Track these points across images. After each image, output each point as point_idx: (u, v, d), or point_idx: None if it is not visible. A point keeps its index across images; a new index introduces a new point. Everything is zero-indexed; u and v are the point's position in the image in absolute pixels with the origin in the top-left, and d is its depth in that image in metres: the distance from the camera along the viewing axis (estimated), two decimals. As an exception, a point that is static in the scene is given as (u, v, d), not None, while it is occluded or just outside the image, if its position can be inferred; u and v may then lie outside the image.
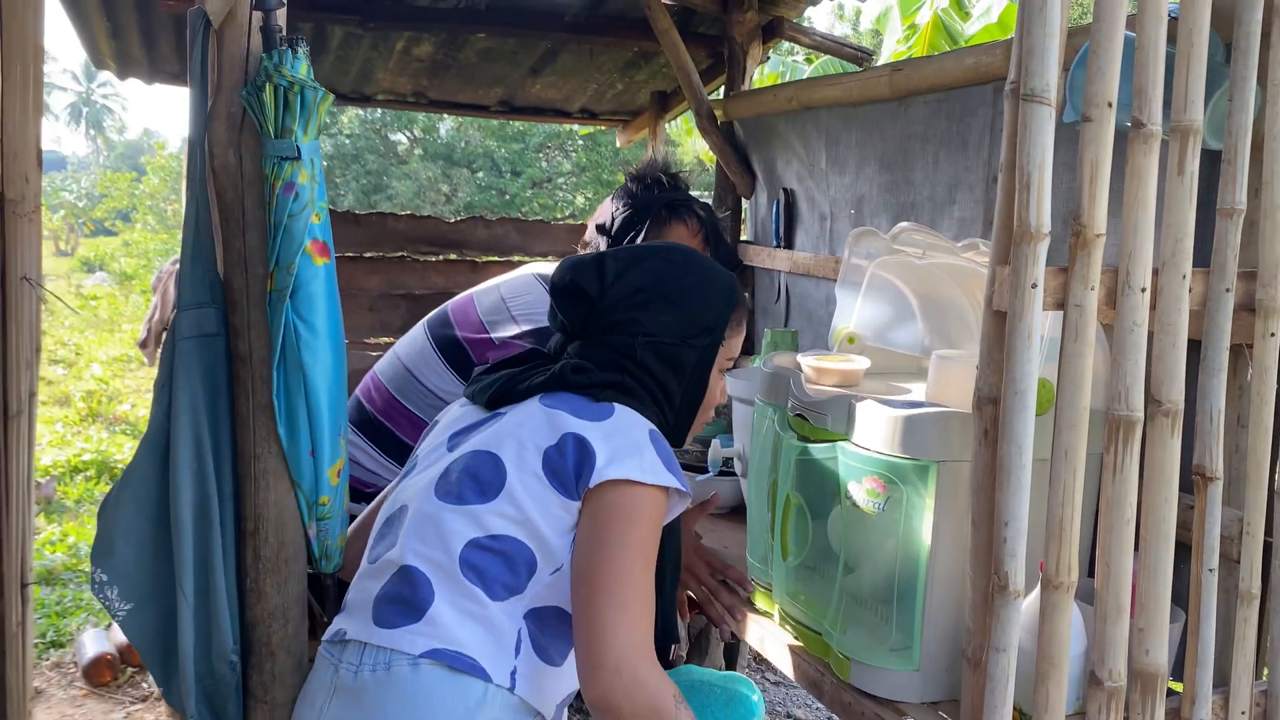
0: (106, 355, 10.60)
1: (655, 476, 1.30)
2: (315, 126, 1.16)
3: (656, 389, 1.45)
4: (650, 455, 1.31)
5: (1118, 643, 1.37)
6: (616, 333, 1.43)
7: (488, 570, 1.29)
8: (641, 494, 1.28)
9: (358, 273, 3.87)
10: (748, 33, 3.30)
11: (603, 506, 1.28)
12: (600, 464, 1.28)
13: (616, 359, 1.42)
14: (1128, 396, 1.34)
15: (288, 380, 1.22)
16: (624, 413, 1.36)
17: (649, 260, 1.48)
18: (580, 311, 1.45)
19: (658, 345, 1.43)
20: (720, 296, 1.51)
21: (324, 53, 3.67)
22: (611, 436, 1.32)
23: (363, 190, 18.35)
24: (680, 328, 1.45)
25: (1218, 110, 1.50)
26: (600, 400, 1.37)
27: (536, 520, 1.29)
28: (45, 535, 4.92)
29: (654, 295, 1.44)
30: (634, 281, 1.45)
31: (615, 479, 1.27)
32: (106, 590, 1.26)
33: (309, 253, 1.18)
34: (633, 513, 1.27)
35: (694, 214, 2.12)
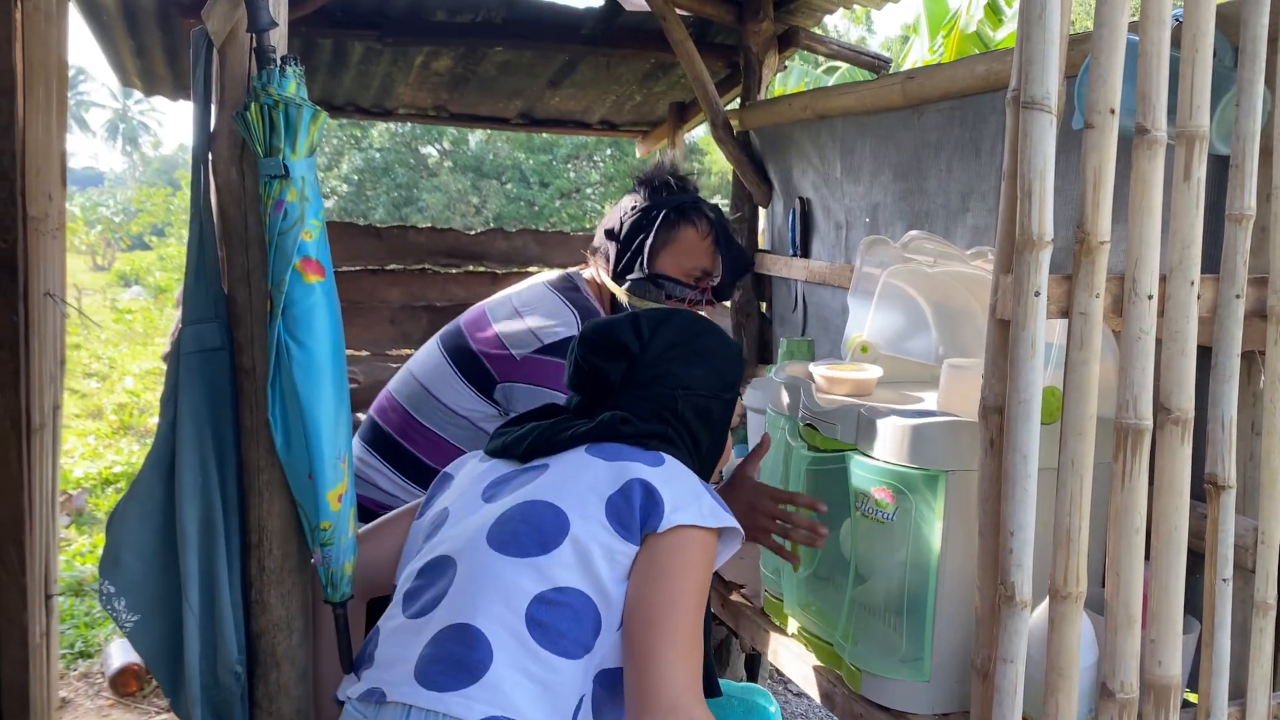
0: (139, 368, 10.74)
1: (716, 519, 1.32)
2: (307, 144, 1.17)
3: (689, 440, 1.48)
4: (708, 501, 1.34)
5: (1129, 654, 1.36)
6: (659, 385, 1.47)
7: (556, 626, 1.23)
8: (701, 538, 1.30)
9: (379, 285, 3.91)
10: (763, 43, 3.30)
11: (664, 549, 1.28)
12: (668, 510, 1.29)
13: (659, 411, 1.46)
14: (1136, 405, 1.33)
15: (283, 401, 1.22)
16: (674, 462, 1.39)
17: (672, 319, 1.53)
18: (620, 366, 1.48)
19: (695, 398, 1.48)
20: (736, 355, 1.58)
21: (345, 68, 3.71)
22: (671, 483, 1.33)
23: (393, 203, 18.51)
24: (711, 382, 1.51)
25: (1226, 115, 1.49)
26: (650, 449, 1.40)
27: (599, 568, 1.27)
28: (76, 547, 4.98)
29: (686, 350, 1.50)
30: (669, 337, 1.50)
31: (682, 524, 1.29)
32: (114, 601, 1.27)
33: (299, 270, 1.19)
34: (693, 555, 1.29)
35: (704, 216, 2.09)
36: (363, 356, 3.90)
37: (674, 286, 2.05)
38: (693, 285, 2.07)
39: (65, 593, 4.32)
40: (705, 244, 2.07)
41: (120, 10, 3.06)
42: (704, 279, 2.09)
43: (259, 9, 1.14)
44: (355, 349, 3.94)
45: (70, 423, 7.98)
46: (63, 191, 2.40)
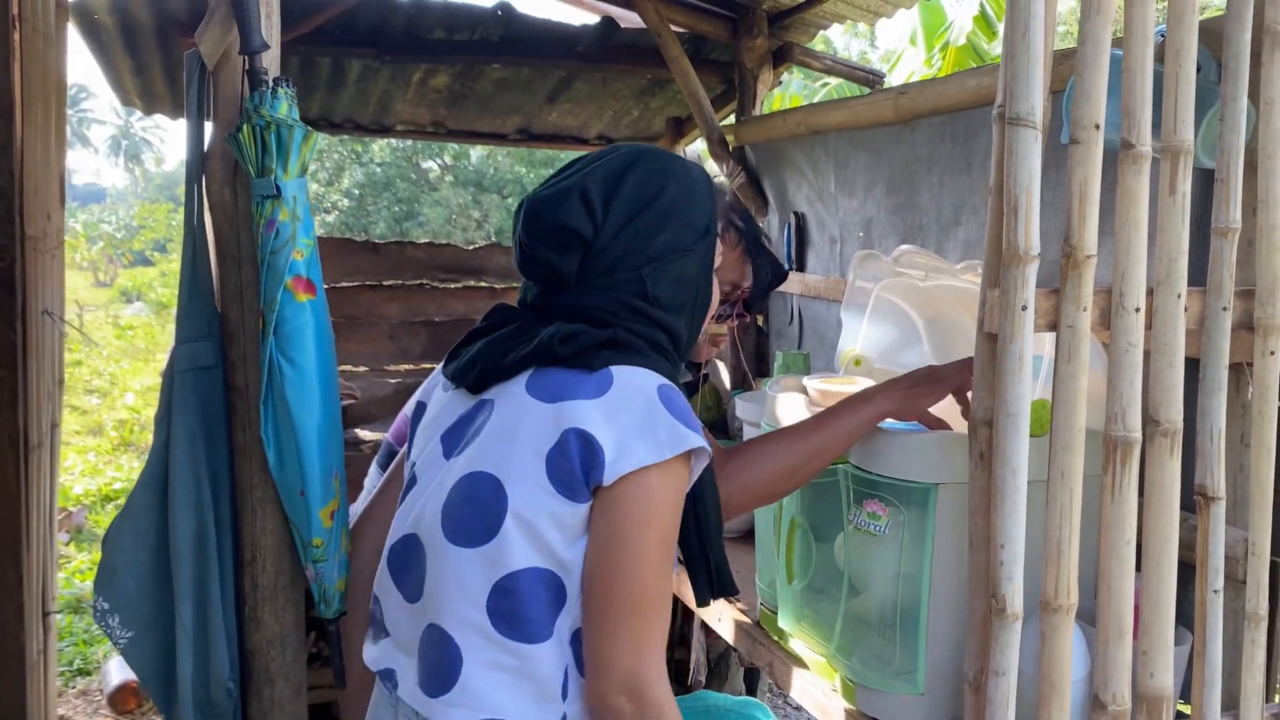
0: (140, 384, 10.76)
1: (673, 446, 1.16)
2: (298, 164, 1.18)
3: (667, 317, 1.30)
4: (664, 422, 1.17)
5: (1121, 666, 1.36)
6: (621, 269, 1.27)
7: (518, 613, 1.18)
8: (658, 476, 1.16)
9: (378, 301, 3.92)
10: (758, 59, 3.33)
11: (613, 504, 1.16)
12: (610, 458, 1.15)
13: (624, 300, 1.27)
14: (1124, 417, 1.33)
15: (276, 418, 1.23)
16: (625, 377, 1.21)
17: (629, 175, 1.29)
18: (573, 257, 1.27)
19: (665, 267, 1.28)
20: (704, 189, 1.36)
21: (343, 85, 3.73)
22: (615, 414, 1.17)
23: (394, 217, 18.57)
24: (682, 238, 1.30)
25: (1211, 129, 1.50)
26: (596, 369, 1.21)
27: (549, 538, 1.17)
28: (75, 564, 4.99)
29: (648, 217, 1.28)
30: (624, 208, 1.27)
31: (629, 472, 1.15)
32: (108, 618, 1.28)
33: (290, 289, 1.20)
34: (650, 503, 1.16)
35: (732, 225, 1.92)
36: (360, 372, 3.92)
37: None
38: (722, 300, 1.92)
39: (64, 610, 4.33)
40: (734, 255, 1.93)
41: (119, 30, 3.08)
42: (734, 292, 1.95)
43: (251, 32, 1.15)
44: (353, 365, 3.95)
45: (71, 439, 7.99)
46: (61, 210, 2.42)
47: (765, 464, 1.54)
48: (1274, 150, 1.46)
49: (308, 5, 3.03)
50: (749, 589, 2.16)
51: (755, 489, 1.57)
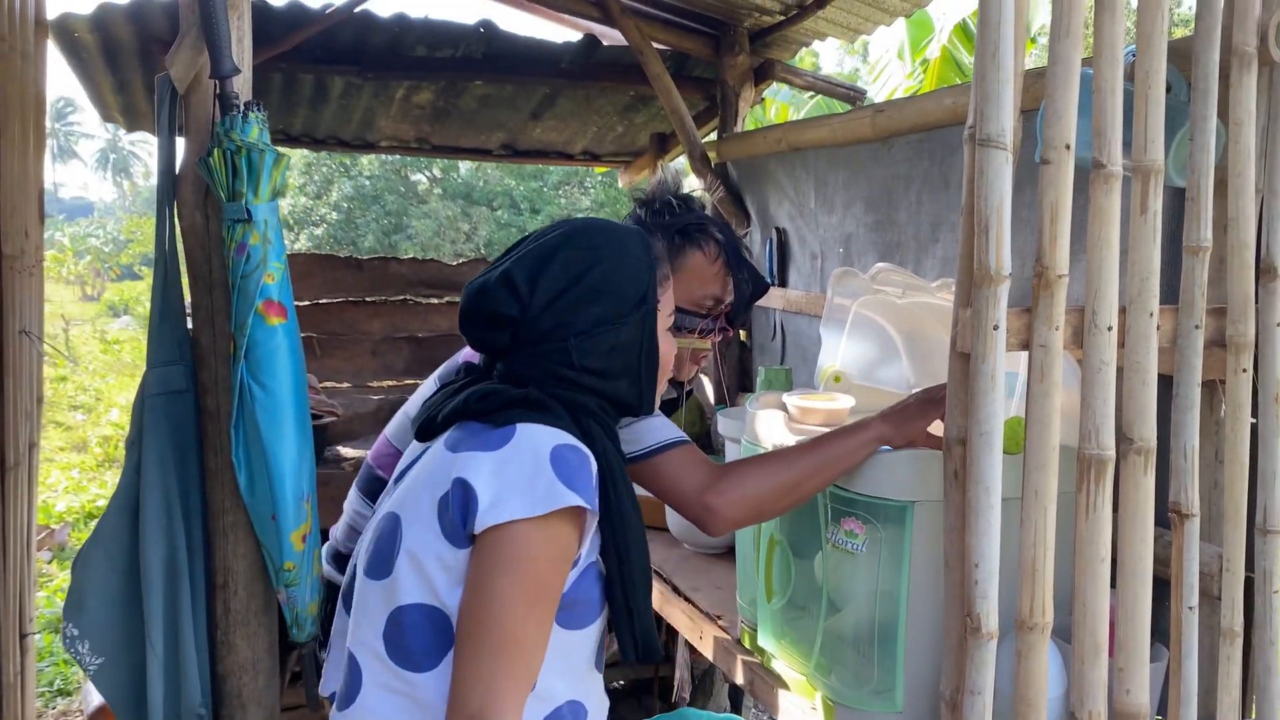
0: (126, 400, 10.71)
1: (549, 502, 1.20)
2: (269, 188, 1.18)
3: (601, 384, 1.37)
4: (545, 479, 1.21)
5: (1097, 683, 1.36)
6: (549, 341, 1.34)
7: (404, 644, 1.26)
8: (521, 533, 1.19)
9: (360, 317, 3.91)
10: (740, 75, 3.34)
11: (487, 551, 1.21)
12: (484, 507, 1.20)
13: (552, 369, 1.34)
14: (1098, 435, 1.34)
15: (247, 442, 1.23)
16: (526, 434, 1.26)
17: (557, 256, 1.36)
18: (504, 336, 1.35)
19: (594, 339, 1.35)
20: (639, 264, 1.40)
21: (326, 102, 3.73)
22: (504, 468, 1.23)
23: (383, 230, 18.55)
24: (613, 311, 1.36)
25: (1182, 148, 1.51)
26: (500, 425, 1.28)
27: (435, 578, 1.24)
28: (57, 583, 4.95)
29: (575, 294, 1.34)
30: (550, 287, 1.34)
31: (500, 523, 1.19)
32: (78, 644, 1.27)
33: (261, 313, 1.20)
34: (518, 555, 1.19)
35: (711, 238, 1.87)
36: (343, 388, 3.90)
37: (683, 318, 1.85)
38: (704, 314, 1.89)
39: (44, 630, 4.29)
40: (715, 268, 1.88)
41: (100, 48, 3.07)
42: (716, 306, 1.91)
43: (222, 56, 1.15)
44: (336, 381, 3.94)
45: (55, 456, 7.94)
46: (40, 228, 2.41)
47: (760, 481, 1.59)
48: (1244, 169, 1.48)
49: (289, 23, 3.03)
50: (730, 607, 2.16)
51: (749, 504, 1.60)
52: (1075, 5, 1.30)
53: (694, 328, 1.86)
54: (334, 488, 2.66)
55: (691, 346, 1.84)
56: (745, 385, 3.38)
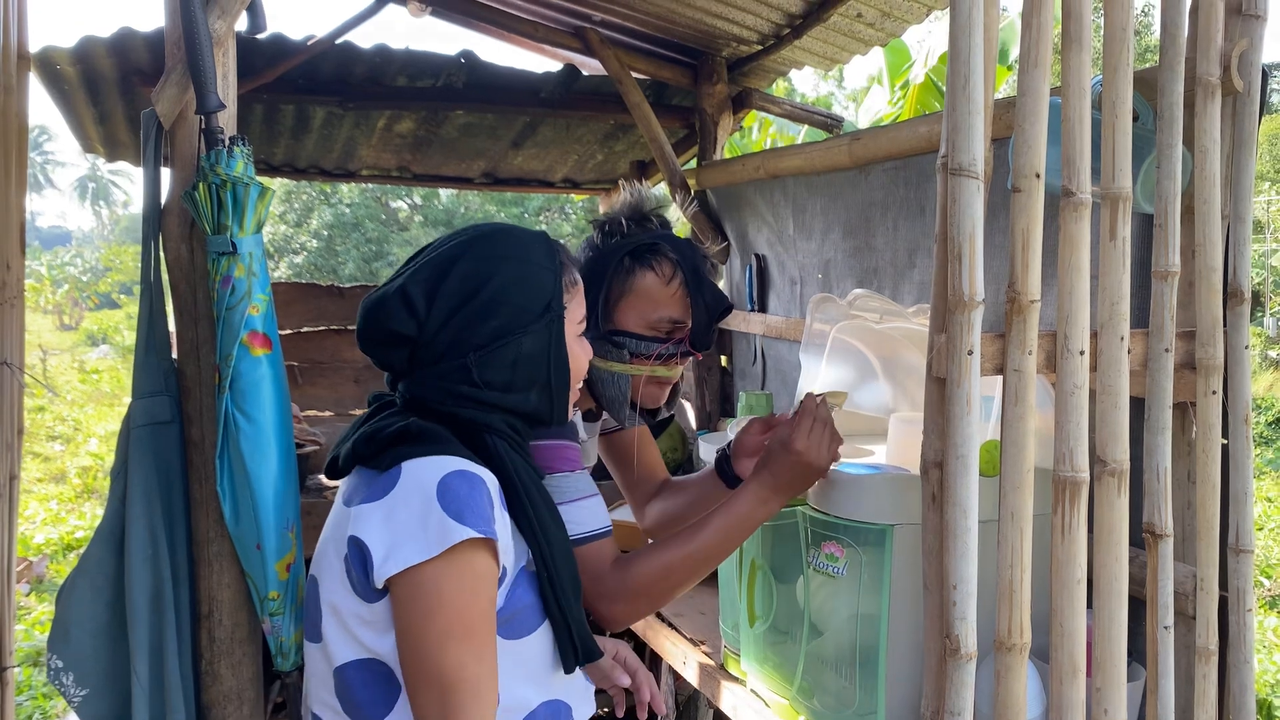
0: (105, 430, 10.62)
1: (441, 541, 1.16)
2: (254, 221, 1.20)
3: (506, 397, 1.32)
4: (435, 517, 1.17)
5: (1075, 703, 1.38)
6: (448, 360, 1.29)
7: (353, 698, 1.25)
8: (432, 573, 1.17)
9: (342, 345, 3.92)
10: (718, 104, 3.38)
11: (398, 601, 1.19)
12: (379, 560, 1.18)
13: (450, 389, 1.29)
14: (1072, 457, 1.36)
15: (232, 472, 1.24)
16: (410, 473, 1.22)
17: (455, 268, 1.31)
18: (401, 355, 1.31)
19: (495, 353, 1.30)
20: (543, 272, 1.35)
21: (307, 132, 3.75)
22: (393, 514, 1.20)
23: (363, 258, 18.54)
24: (514, 322, 1.31)
25: (1149, 176, 1.55)
26: (386, 468, 1.24)
27: (360, 633, 1.23)
28: (36, 615, 4.90)
29: (473, 308, 1.29)
30: (447, 303, 1.29)
31: (398, 572, 1.17)
32: (62, 676, 1.27)
33: (246, 344, 1.21)
34: (427, 598, 1.17)
35: (664, 257, 1.74)
36: (325, 417, 3.90)
37: (637, 343, 1.73)
38: (662, 338, 1.76)
39: (23, 663, 4.25)
40: (670, 290, 1.74)
41: (81, 80, 3.08)
42: (676, 329, 1.77)
43: (207, 92, 1.17)
44: (319, 409, 3.94)
45: (32, 487, 7.87)
46: (21, 259, 2.40)
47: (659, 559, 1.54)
48: (1210, 195, 1.51)
49: (271, 55, 3.05)
50: (713, 632, 2.17)
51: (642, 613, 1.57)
52: (1043, 36, 1.33)
53: (649, 352, 1.75)
54: (316, 517, 2.64)
55: (653, 373, 1.75)
56: (726, 410, 3.40)
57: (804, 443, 1.55)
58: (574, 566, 1.35)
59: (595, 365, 1.75)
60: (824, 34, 3.05)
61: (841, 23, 2.97)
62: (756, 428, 1.76)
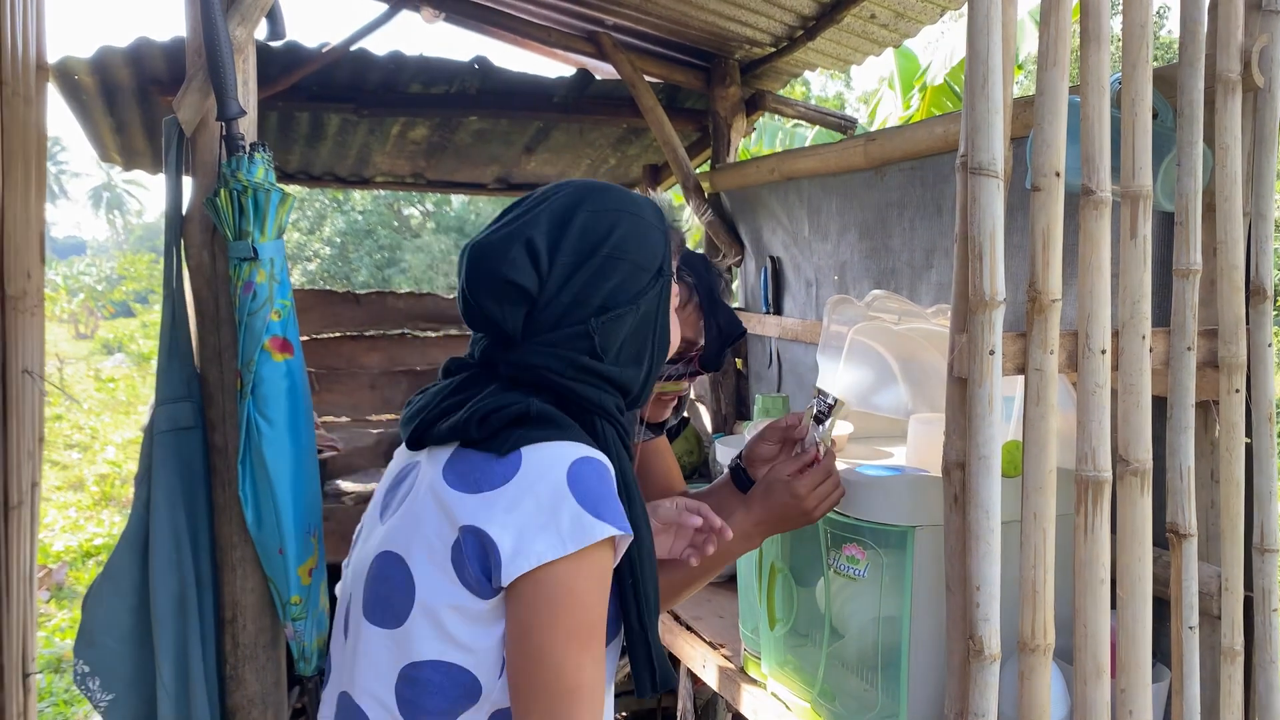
0: (121, 438, 10.68)
1: (578, 539, 1.08)
2: (275, 227, 1.20)
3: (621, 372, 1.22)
4: (570, 510, 1.09)
5: (1100, 704, 1.37)
6: (569, 322, 1.18)
7: (419, 702, 1.15)
8: (563, 570, 1.09)
9: (358, 351, 3.93)
10: (731, 107, 3.38)
11: (522, 599, 1.10)
12: (506, 556, 1.08)
13: (573, 358, 1.18)
14: (1094, 457, 1.36)
15: (254, 477, 1.24)
16: (534, 459, 1.12)
17: (576, 218, 1.20)
18: (518, 312, 1.18)
19: (617, 319, 1.20)
20: (656, 230, 1.26)
21: (322, 139, 3.77)
22: (517, 505, 1.10)
23: (376, 265, 18.61)
24: (635, 282, 1.21)
25: (1170, 173, 1.54)
26: (505, 453, 1.13)
27: (455, 630, 1.13)
28: (55, 622, 4.93)
29: (597, 263, 1.18)
30: (571, 256, 1.18)
31: (528, 571, 1.08)
32: (88, 681, 1.28)
33: (267, 349, 1.21)
34: (556, 599, 1.09)
35: (682, 281, 1.72)
36: (342, 423, 3.92)
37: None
38: (673, 359, 1.75)
39: (44, 670, 4.27)
40: (685, 312, 1.75)
41: (99, 89, 3.11)
42: (687, 349, 1.78)
43: (228, 99, 1.18)
44: (335, 415, 3.95)
45: (51, 495, 7.92)
46: (41, 269, 2.43)
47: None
48: (1231, 192, 1.50)
49: (286, 62, 3.07)
50: (733, 635, 2.17)
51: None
52: (1061, 35, 1.33)
53: (663, 374, 1.73)
54: (335, 522, 2.66)
55: (661, 390, 1.77)
56: (742, 413, 3.39)
57: (807, 490, 1.50)
58: (656, 580, 1.24)
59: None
60: (837, 35, 3.04)
61: (854, 24, 2.96)
62: (770, 434, 1.71)
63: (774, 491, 1.52)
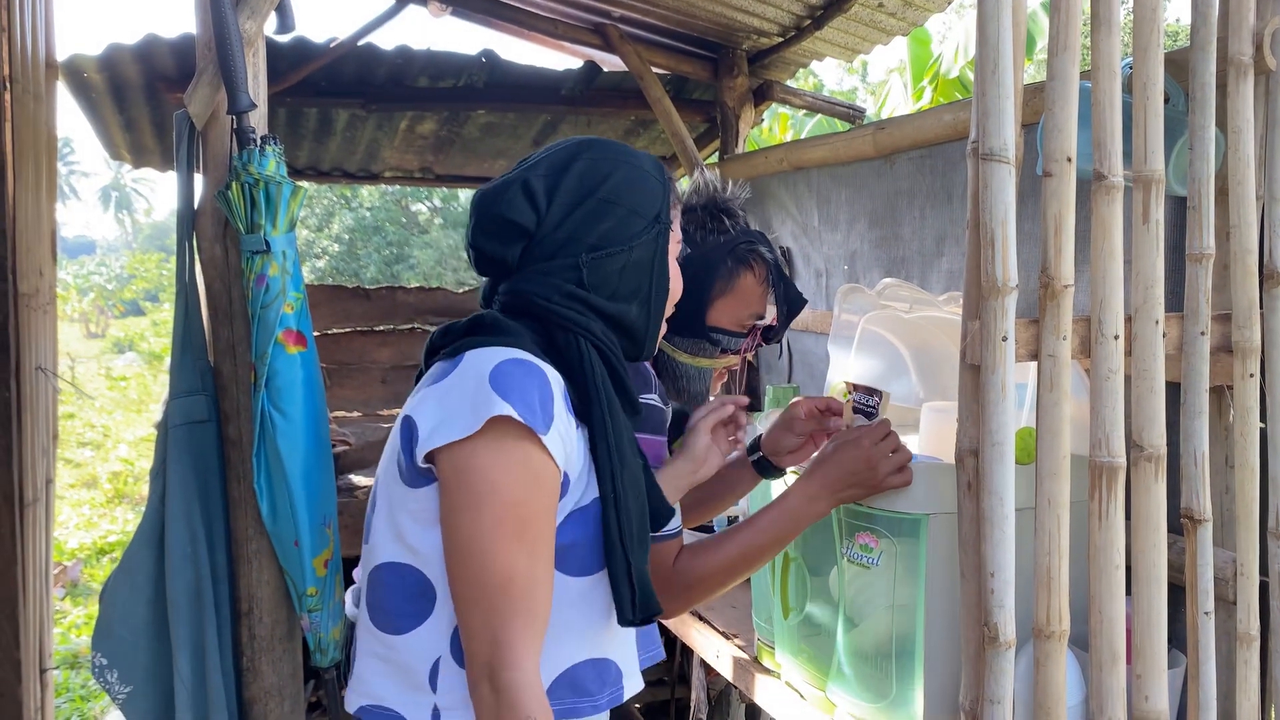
0: (134, 435, 10.73)
1: (479, 415, 1.10)
2: (287, 220, 1.20)
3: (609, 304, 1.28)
4: (483, 395, 1.11)
5: (1115, 690, 1.37)
6: (562, 255, 1.25)
7: (381, 605, 1.20)
8: (477, 453, 1.10)
9: (369, 346, 3.94)
10: (739, 97, 3.38)
11: (446, 488, 1.12)
12: (423, 435, 1.12)
13: (560, 285, 1.25)
14: (1108, 443, 1.35)
15: (269, 469, 1.24)
16: (471, 359, 1.17)
17: (574, 165, 1.28)
18: (516, 248, 1.26)
19: (607, 257, 1.26)
20: (655, 180, 1.33)
21: (330, 135, 3.77)
22: (446, 396, 1.15)
23: (384, 261, 18.64)
24: (627, 228, 1.28)
25: (1182, 158, 1.53)
26: (453, 356, 1.20)
27: (405, 528, 1.17)
28: (71, 619, 4.96)
29: (592, 205, 1.26)
30: (567, 198, 1.26)
31: (439, 446, 1.11)
32: (106, 674, 1.29)
33: (281, 342, 1.22)
34: (476, 481, 1.10)
35: (761, 259, 1.77)
36: (354, 417, 3.93)
37: (729, 339, 1.77)
38: (745, 333, 1.80)
39: (60, 666, 4.30)
40: (762, 289, 1.79)
41: (108, 87, 3.12)
42: (755, 322, 1.81)
43: (238, 92, 1.18)
44: (347, 410, 3.96)
45: (64, 493, 7.96)
46: (53, 267, 2.44)
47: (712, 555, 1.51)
48: (1244, 176, 1.50)
49: (294, 58, 3.07)
50: (746, 625, 2.17)
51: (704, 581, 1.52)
52: (1072, 20, 1.32)
53: (737, 348, 1.79)
54: (348, 516, 2.67)
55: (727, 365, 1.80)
56: (754, 404, 3.39)
57: (880, 454, 1.51)
58: (644, 505, 1.26)
59: (684, 361, 1.79)
60: (845, 24, 3.03)
61: (863, 12, 2.95)
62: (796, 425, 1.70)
63: (843, 453, 1.53)
